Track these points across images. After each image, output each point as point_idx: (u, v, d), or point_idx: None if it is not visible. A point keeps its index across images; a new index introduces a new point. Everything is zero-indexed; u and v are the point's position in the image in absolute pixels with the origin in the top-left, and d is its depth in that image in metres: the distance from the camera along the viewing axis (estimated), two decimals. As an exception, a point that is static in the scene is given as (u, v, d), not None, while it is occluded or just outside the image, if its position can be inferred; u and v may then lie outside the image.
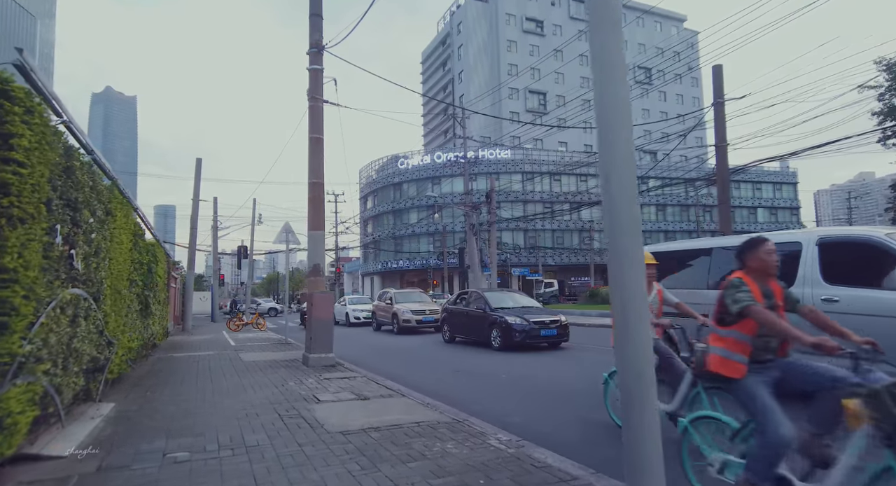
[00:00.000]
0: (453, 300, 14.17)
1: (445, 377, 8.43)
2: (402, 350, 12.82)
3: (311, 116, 10.91)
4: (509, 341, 11.27)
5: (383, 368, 9.57)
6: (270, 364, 9.66)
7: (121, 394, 6.59)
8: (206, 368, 9.29)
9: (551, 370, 8.91)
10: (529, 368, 9.21)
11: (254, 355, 11.25)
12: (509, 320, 11.33)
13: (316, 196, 10.68)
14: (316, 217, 10.65)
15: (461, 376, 8.55)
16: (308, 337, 9.57)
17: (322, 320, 9.33)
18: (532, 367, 9.32)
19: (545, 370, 8.91)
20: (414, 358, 11.26)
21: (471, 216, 31.18)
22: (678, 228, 61.41)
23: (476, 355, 11.10)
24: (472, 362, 10.09)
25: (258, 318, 20.78)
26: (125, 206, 6.49)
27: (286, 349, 12.60)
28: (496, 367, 9.41)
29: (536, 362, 9.86)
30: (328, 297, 9.48)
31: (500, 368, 9.29)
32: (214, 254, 29.34)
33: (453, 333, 13.64)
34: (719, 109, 15.93)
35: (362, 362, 10.43)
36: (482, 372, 8.86)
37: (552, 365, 9.51)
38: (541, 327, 11.29)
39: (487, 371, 8.93)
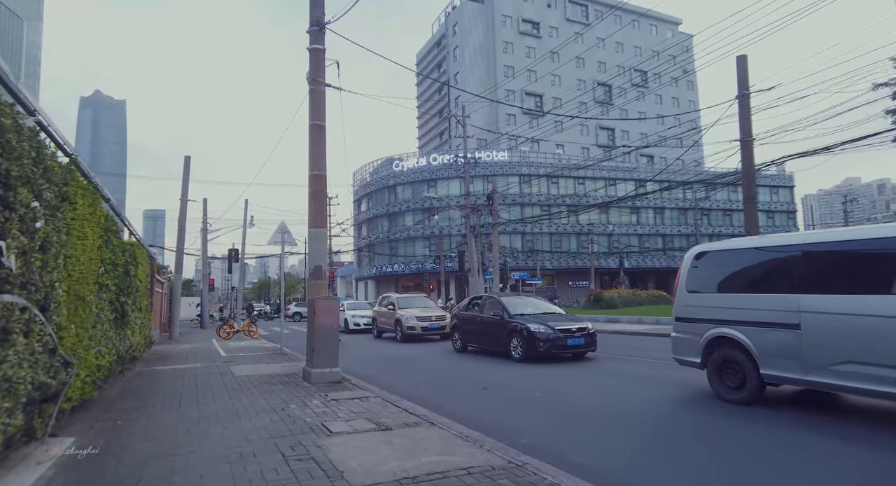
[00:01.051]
0: (465, 306, 13.04)
1: (472, 396, 7.28)
2: (410, 361, 11.66)
3: (311, 101, 9.78)
4: (532, 351, 10.15)
5: (396, 383, 8.42)
6: (266, 380, 8.47)
7: (84, 424, 5.38)
8: (192, 385, 8.08)
9: (589, 386, 7.79)
10: (562, 383, 8.09)
11: (247, 369, 10.03)
12: (532, 328, 10.21)
13: (317, 190, 9.53)
14: (317, 213, 9.51)
15: (490, 394, 7.40)
16: (310, 349, 8.39)
17: (326, 329, 8.16)
18: (565, 382, 8.20)
19: (581, 386, 7.79)
20: (427, 371, 10.09)
21: (471, 218, 30.10)
22: (676, 232, 60.75)
23: (496, 368, 9.96)
24: (496, 377, 8.94)
25: (250, 325, 19.50)
26: (91, 193, 5.32)
27: (282, 360, 11.39)
28: (524, 382, 8.28)
29: (568, 376, 8.74)
30: (332, 303, 8.32)
31: (528, 383, 8.16)
32: (204, 257, 28.00)
33: (465, 341, 12.51)
34: (744, 102, 14.97)
35: (370, 376, 9.27)
36: (511, 389, 7.72)
37: (587, 380, 8.39)
38: (567, 335, 10.18)
39: (516, 387, 7.79)
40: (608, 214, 58.14)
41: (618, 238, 53.56)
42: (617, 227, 56.18)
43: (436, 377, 9.23)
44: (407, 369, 10.41)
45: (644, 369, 9.26)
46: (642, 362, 10.12)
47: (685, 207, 61.08)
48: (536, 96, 63.93)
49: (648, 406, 6.31)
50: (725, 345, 6.10)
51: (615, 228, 56.42)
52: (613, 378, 8.45)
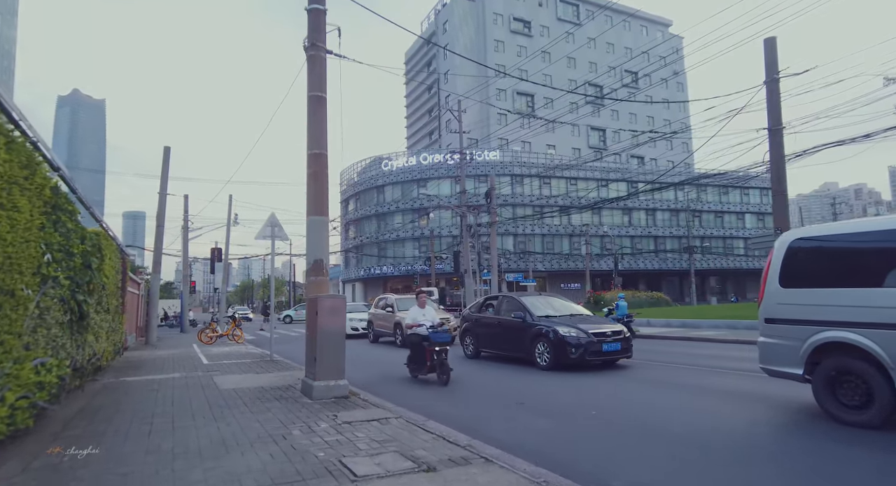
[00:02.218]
0: (478, 307, 11.73)
1: (512, 415, 5.98)
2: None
3: (310, 68, 8.45)
4: (562, 358, 8.89)
5: (410, 398, 7.11)
6: (258, 395, 7.08)
7: (16, 463, 3.99)
8: (168, 401, 6.67)
9: (648, 402, 6.54)
10: (613, 397, 6.83)
11: (233, 380, 8.62)
12: (562, 333, 8.96)
13: (317, 171, 8.20)
14: (317, 198, 8.17)
15: (532, 412, 6.11)
16: (310, 357, 7.04)
17: (331, 333, 6.81)
18: (615, 396, 6.94)
19: (640, 402, 6.54)
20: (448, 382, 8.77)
21: (467, 217, 28.86)
22: (668, 234, 60.17)
23: (522, 378, 8.67)
24: (527, 389, 7.66)
25: (235, 329, 17.98)
26: (23, 150, 3.94)
27: (274, 369, 9.98)
28: (564, 395, 7.01)
29: (615, 388, 7.49)
30: (339, 303, 6.97)
31: (570, 397, 6.89)
32: (185, 257, 26.31)
33: (478, 346, 11.21)
34: (773, 87, 13.95)
35: (377, 388, 7.94)
36: (554, 405, 6.44)
37: (640, 393, 7.14)
38: (602, 340, 8.94)
39: (559, 403, 6.52)
40: (600, 216, 57.37)
41: (613, 239, 52.69)
42: (609, 228, 55.40)
43: (461, 391, 7.92)
44: (418, 380, 9.08)
45: (698, 379, 8.06)
46: (689, 370, 8.92)
47: (677, 208, 60.62)
48: (528, 96, 63.01)
49: (741, 429, 5.08)
50: (839, 352, 4.90)
51: (609, 229, 55.65)
52: (670, 391, 7.21)
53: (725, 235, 63.53)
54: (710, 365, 9.42)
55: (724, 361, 10.09)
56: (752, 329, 16.90)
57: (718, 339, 14.53)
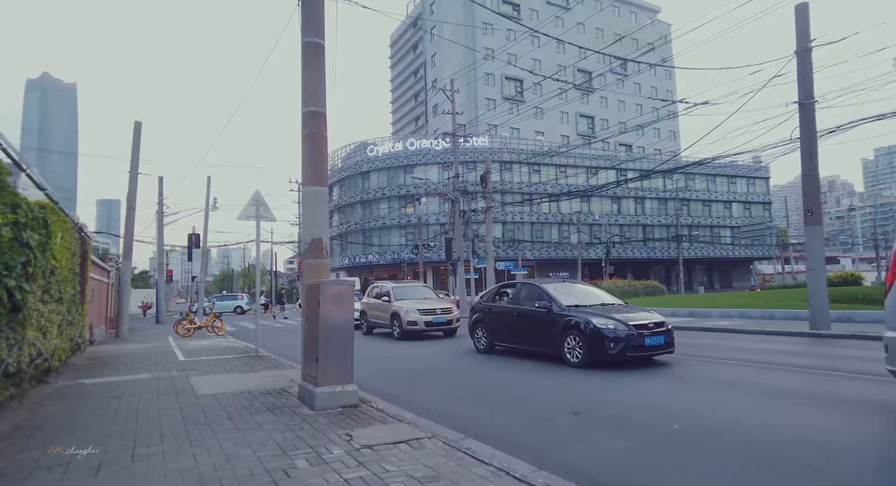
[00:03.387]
0: (492, 296, 10.46)
1: (574, 432, 4.74)
2: (427, 367, 9.06)
3: (305, 10, 7.05)
4: (599, 354, 7.71)
5: (433, 402, 5.85)
6: (245, 403, 5.75)
7: None
8: (132, 414, 5.31)
9: (721, 406, 5.37)
10: (679, 402, 5.64)
11: (214, 382, 7.26)
12: (598, 325, 7.75)
13: (315, 133, 6.82)
14: (315, 164, 6.80)
15: (599, 427, 4.88)
16: (310, 357, 5.72)
17: (337, 327, 5.50)
18: (681, 400, 5.76)
19: (712, 407, 5.36)
20: (462, 382, 7.52)
21: (460, 202, 27.58)
22: (657, 222, 59.66)
23: (555, 378, 7.46)
24: (570, 393, 6.44)
25: (214, 320, 16.51)
26: None
27: (261, 367, 8.63)
28: (625, 400, 5.80)
29: (674, 390, 6.32)
30: (345, 289, 5.65)
31: (632, 400, 5.70)
32: (159, 243, 24.56)
33: (493, 340, 9.97)
34: (804, 58, 12.86)
35: (387, 390, 6.68)
36: (621, 416, 5.22)
37: (706, 395, 5.98)
38: (644, 333, 7.76)
39: (626, 413, 5.30)
40: (589, 204, 56.59)
41: (606, 228, 51.94)
42: (598, 217, 54.66)
43: (481, 393, 6.67)
44: (431, 380, 7.83)
45: (761, 378, 6.94)
46: (741, 367, 7.80)
47: (665, 197, 60.13)
48: (516, 81, 61.63)
49: (875, 448, 3.93)
50: None
51: (600, 217, 54.92)
52: (744, 394, 6.06)
53: (713, 224, 63.29)
54: (759, 361, 8.34)
55: (769, 355, 9.03)
56: (768, 319, 16.01)
57: (738, 329, 13.53)
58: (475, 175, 48.36)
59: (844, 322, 13.85)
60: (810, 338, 11.74)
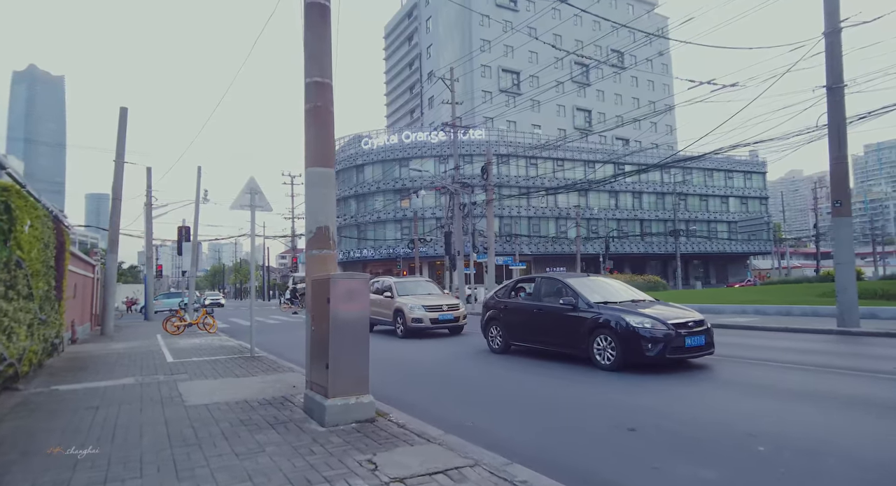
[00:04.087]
0: (507, 291, 9.68)
1: (641, 456, 3.98)
2: (443, 370, 8.28)
3: (308, -35, 6.20)
4: (634, 356, 6.96)
5: (461, 413, 5.08)
6: (243, 416, 4.95)
7: None
8: (108, 432, 4.49)
9: (799, 421, 4.63)
10: (747, 416, 4.90)
11: (206, 389, 6.44)
12: (633, 324, 7.00)
13: (320, 107, 6.00)
14: (320, 143, 5.99)
15: (667, 447, 4.13)
16: (317, 362, 4.91)
17: (351, 328, 4.71)
18: (746, 411, 5.01)
19: (787, 421, 4.62)
20: (486, 389, 6.75)
21: (459, 195, 26.79)
22: (654, 217, 59.18)
23: (589, 383, 6.71)
24: (611, 401, 5.69)
25: (206, 317, 15.64)
26: None
27: (257, 370, 7.82)
28: (680, 414, 5.05)
29: (729, 398, 5.58)
30: (359, 285, 4.85)
31: (688, 415, 4.94)
32: (148, 236, 23.58)
33: (509, 339, 9.21)
34: (833, 40, 12.15)
35: (404, 397, 5.90)
36: (686, 432, 4.47)
37: (769, 405, 5.24)
38: (683, 333, 7.02)
39: (690, 429, 4.55)
40: (587, 198, 56.00)
41: (605, 222, 51.37)
42: (597, 211, 54.11)
43: (510, 401, 5.91)
44: (448, 385, 7.05)
45: (818, 383, 6.23)
46: (788, 370, 7.09)
47: (663, 191, 59.63)
48: (513, 73, 60.76)
49: None
50: None
51: (598, 211, 54.37)
52: (812, 404, 5.33)
53: (710, 219, 62.93)
54: (804, 362, 7.64)
55: (810, 355, 8.35)
56: (785, 315, 15.38)
57: (759, 326, 12.86)
58: (472, 168, 47.55)
59: (869, 319, 13.22)
60: (841, 336, 11.07)
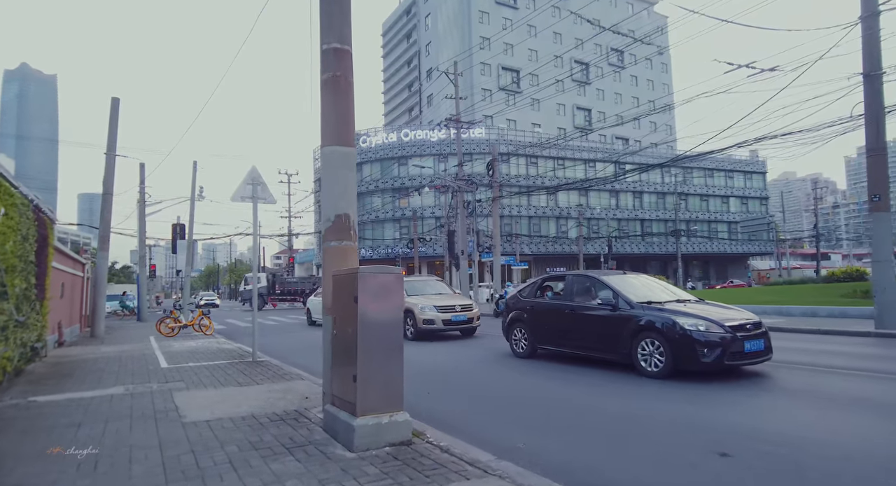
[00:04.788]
0: (533, 290, 8.90)
1: None
2: (469, 377, 7.50)
3: (325, -81, 5.42)
4: (687, 362, 6.22)
5: (509, 432, 4.31)
6: (252, 438, 4.16)
7: None
8: (89, 464, 3.69)
9: None
10: (849, 433, 4.15)
11: (206, 400, 5.65)
12: (686, 326, 6.26)
13: (339, 77, 5.22)
14: (339, 118, 5.22)
15: (779, 482, 3.36)
16: (342, 373, 4.13)
17: (383, 332, 3.94)
18: (845, 430, 4.27)
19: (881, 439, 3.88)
20: (528, 400, 6.00)
21: (463, 193, 26.04)
22: (655, 217, 58.63)
23: (643, 393, 5.97)
24: (680, 415, 4.94)
25: (202, 318, 14.80)
26: None
27: (262, 377, 7.02)
28: (756, 426, 4.30)
29: (817, 417, 4.84)
30: (393, 280, 4.08)
31: (781, 436, 4.19)
32: (141, 234, 22.69)
33: (536, 342, 8.44)
34: (870, 24, 11.48)
35: (432, 412, 5.14)
36: (794, 458, 3.71)
37: (868, 422, 4.50)
38: (742, 336, 6.28)
39: (799, 453, 3.80)
40: (587, 198, 55.40)
41: (607, 222, 50.75)
42: (599, 211, 53.51)
43: (560, 416, 5.15)
44: (481, 395, 6.27)
45: None
46: (862, 378, 6.37)
47: (664, 191, 59.10)
48: (513, 71, 60.07)
49: None
50: None
51: (599, 211, 53.78)
52: None
53: (710, 219, 62.46)
54: (862, 368, 6.96)
55: (867, 361, 7.68)
56: (811, 316, 14.67)
57: (790, 328, 12.15)
58: (471, 167, 46.82)
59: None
60: (882, 338, 10.38)
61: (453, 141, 50.11)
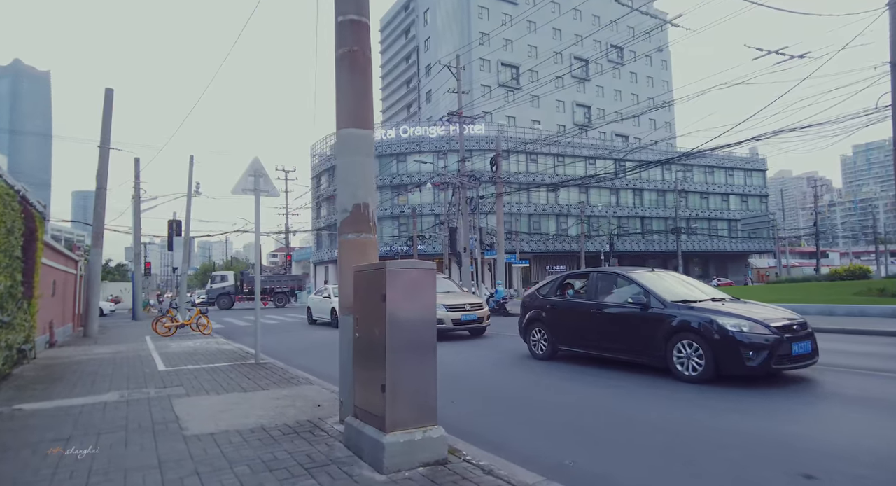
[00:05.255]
0: (554, 288, 8.40)
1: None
2: (491, 383, 7.01)
3: None
4: (732, 366, 5.76)
5: (551, 449, 3.82)
6: (264, 455, 3.65)
7: None
8: (80, 484, 3.18)
9: None
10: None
11: (209, 410, 5.14)
12: (728, 327, 5.79)
13: (356, 52, 4.72)
14: (356, 96, 4.72)
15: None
16: (367, 382, 3.63)
17: (415, 335, 3.45)
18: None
19: None
20: (562, 408, 5.52)
21: (466, 188, 25.56)
22: (655, 215, 58.28)
23: (682, 399, 5.50)
24: (735, 426, 4.47)
25: (199, 317, 14.26)
26: None
27: (268, 381, 6.52)
28: (829, 439, 3.84)
29: (881, 424, 4.38)
30: (425, 276, 3.58)
31: (852, 446, 3.73)
32: (136, 230, 22.10)
33: (557, 343, 7.96)
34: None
35: (459, 423, 4.64)
36: (886, 477, 3.24)
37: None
38: (789, 337, 5.82)
39: (883, 470, 3.33)
40: (588, 195, 54.98)
41: (608, 220, 50.35)
42: (601, 208, 53.13)
43: (600, 427, 4.67)
44: (508, 403, 5.79)
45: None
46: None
47: (664, 189, 58.75)
48: (513, 67, 59.57)
49: None
50: None
51: (600, 209, 53.40)
52: None
53: (710, 217, 62.19)
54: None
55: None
56: (828, 315, 14.22)
57: (828, 328, 11.58)
58: (471, 164, 46.29)
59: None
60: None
61: (452, 138, 49.78)
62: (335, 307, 15.70)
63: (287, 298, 35.75)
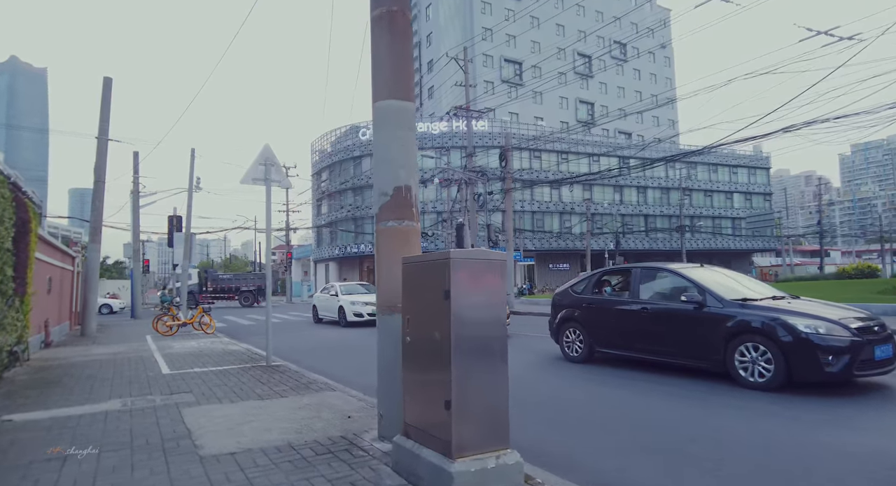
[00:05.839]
0: (590, 285, 7.78)
1: None
2: (531, 389, 6.38)
3: None
4: (807, 372, 5.17)
5: (631, 471, 3.20)
6: (300, 481, 3.03)
7: None
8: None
9: None
10: None
11: (224, 423, 4.52)
12: (802, 329, 5.19)
13: (395, 12, 4.11)
14: (395, 63, 4.09)
15: None
16: (418, 395, 3.02)
17: (483, 336, 2.84)
18: None
19: None
20: (619, 419, 4.91)
21: (476, 184, 24.96)
22: (658, 212, 57.72)
23: (748, 408, 4.90)
24: (827, 440, 3.88)
25: (202, 315, 13.63)
26: None
27: (284, 387, 5.91)
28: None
29: None
30: (497, 269, 2.97)
31: None
32: (135, 227, 21.44)
33: (594, 344, 7.35)
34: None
35: (519, 439, 4.00)
36: None
37: None
38: (871, 340, 5.22)
39: None
40: (591, 193, 54.39)
41: (613, 217, 49.79)
42: (607, 205, 52.59)
43: (680, 441, 4.06)
44: (560, 413, 5.18)
45: None
46: None
47: (668, 186, 58.22)
48: (515, 63, 58.93)
49: None
50: None
51: (608, 206, 52.87)
52: None
53: (714, 215, 61.68)
54: None
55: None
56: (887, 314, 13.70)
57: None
58: (474, 160, 45.71)
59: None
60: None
61: (455, 134, 49.18)
62: (343, 306, 15.06)
63: (254, 296, 35.02)
